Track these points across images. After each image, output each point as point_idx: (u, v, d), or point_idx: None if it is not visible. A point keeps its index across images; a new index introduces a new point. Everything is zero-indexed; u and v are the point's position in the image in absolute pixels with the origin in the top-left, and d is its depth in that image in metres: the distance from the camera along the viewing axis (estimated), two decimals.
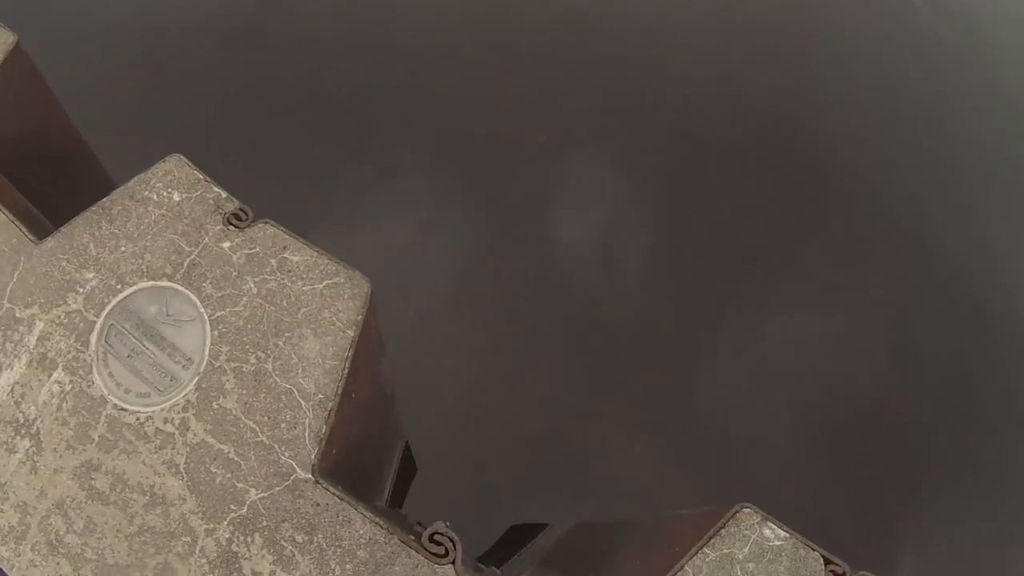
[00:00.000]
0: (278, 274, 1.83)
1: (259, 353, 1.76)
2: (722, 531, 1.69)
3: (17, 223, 1.91)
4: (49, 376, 1.79)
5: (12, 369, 1.80)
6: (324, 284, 1.81)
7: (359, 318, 1.78)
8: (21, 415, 1.77)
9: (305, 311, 1.79)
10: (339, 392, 1.72)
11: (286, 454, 1.69)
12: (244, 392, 1.74)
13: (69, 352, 1.80)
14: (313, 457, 1.68)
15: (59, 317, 1.83)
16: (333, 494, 1.66)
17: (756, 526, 1.69)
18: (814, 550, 1.69)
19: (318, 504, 1.66)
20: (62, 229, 1.91)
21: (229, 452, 1.69)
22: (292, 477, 1.67)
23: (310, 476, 1.67)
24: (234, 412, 1.72)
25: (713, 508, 1.80)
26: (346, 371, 1.74)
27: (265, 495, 1.66)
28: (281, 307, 1.80)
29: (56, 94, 2.23)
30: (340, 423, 1.77)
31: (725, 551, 1.67)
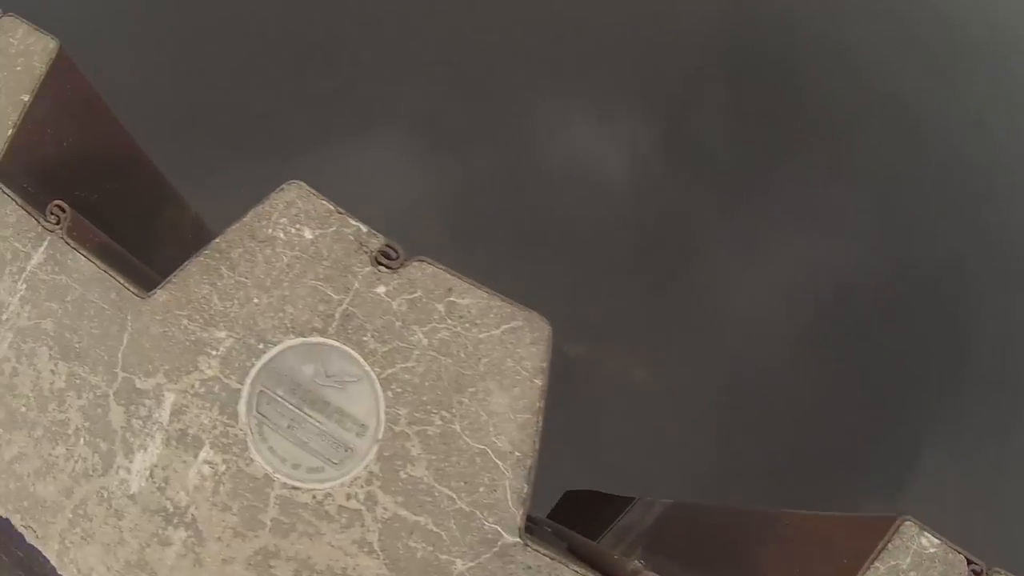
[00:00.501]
0: (448, 321, 1.65)
1: (443, 413, 1.61)
2: (889, 545, 1.79)
3: (112, 273, 1.59)
4: (195, 456, 1.56)
5: (147, 450, 1.56)
6: (501, 329, 1.66)
7: (544, 365, 1.65)
8: (169, 503, 1.54)
9: (486, 362, 1.64)
10: (536, 448, 1.62)
11: (490, 519, 1.59)
12: (433, 458, 1.60)
13: (215, 427, 1.57)
14: (519, 519, 1.60)
15: (193, 386, 1.58)
16: (544, 555, 1.60)
17: (915, 537, 1.82)
18: (959, 553, 1.85)
19: (530, 567, 1.59)
20: (173, 279, 1.61)
21: (427, 524, 1.57)
22: (499, 543, 1.59)
23: (518, 540, 1.59)
24: (426, 480, 1.59)
25: (867, 516, 1.90)
26: (540, 424, 1.63)
27: (473, 564, 1.57)
28: (459, 359, 1.63)
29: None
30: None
31: (892, 563, 1.80)
